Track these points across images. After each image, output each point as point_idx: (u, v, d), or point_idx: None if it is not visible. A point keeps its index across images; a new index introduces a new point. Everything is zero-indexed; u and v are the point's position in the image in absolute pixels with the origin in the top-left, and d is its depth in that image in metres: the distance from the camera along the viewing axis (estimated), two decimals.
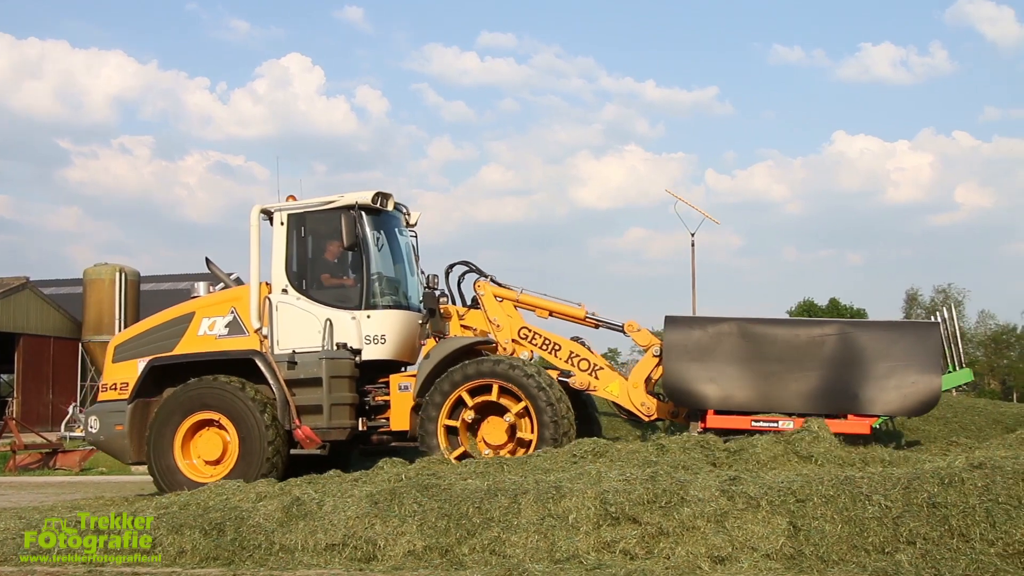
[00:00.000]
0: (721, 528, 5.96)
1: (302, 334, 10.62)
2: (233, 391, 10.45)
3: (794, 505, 6.03)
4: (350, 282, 10.97)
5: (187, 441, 10.63)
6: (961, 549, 5.62)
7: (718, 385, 9.67)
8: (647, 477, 6.46)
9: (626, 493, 6.23)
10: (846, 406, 9.44)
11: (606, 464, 7.28)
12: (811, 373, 9.54)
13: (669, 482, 6.32)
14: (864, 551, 5.77)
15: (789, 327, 10.02)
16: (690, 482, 6.31)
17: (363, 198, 10.76)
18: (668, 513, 6.07)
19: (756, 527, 5.95)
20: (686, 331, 9.94)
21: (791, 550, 5.83)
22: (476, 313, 11.13)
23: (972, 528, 5.68)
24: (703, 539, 5.92)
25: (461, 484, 6.91)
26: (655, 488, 6.24)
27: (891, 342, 9.58)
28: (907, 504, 5.90)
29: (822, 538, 5.84)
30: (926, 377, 9.33)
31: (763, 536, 5.90)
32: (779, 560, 5.78)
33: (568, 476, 6.78)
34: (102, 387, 11.68)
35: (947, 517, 5.76)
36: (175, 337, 11.10)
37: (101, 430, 11.17)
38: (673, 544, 5.93)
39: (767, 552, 5.82)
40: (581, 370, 10.55)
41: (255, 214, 10.99)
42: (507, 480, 6.86)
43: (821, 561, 5.75)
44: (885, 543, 5.77)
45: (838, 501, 6.00)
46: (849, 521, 5.90)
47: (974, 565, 5.50)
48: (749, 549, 5.85)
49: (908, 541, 5.74)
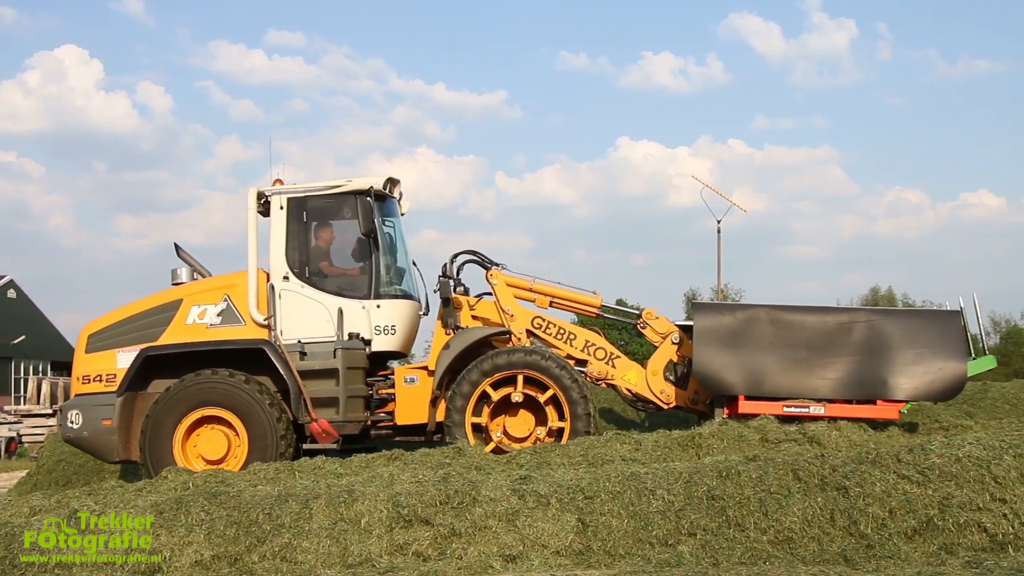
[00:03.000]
0: (512, 527, 6.01)
1: (308, 323, 10.09)
2: (240, 385, 9.81)
3: (583, 502, 6.15)
4: (358, 270, 10.48)
5: (186, 439, 9.92)
6: (737, 538, 5.89)
7: (748, 371, 9.61)
8: (439, 479, 6.46)
9: (418, 495, 6.20)
10: (875, 392, 9.55)
11: (399, 467, 7.24)
12: (840, 360, 9.59)
13: (461, 483, 6.33)
14: (649, 544, 5.94)
15: (818, 314, 9.93)
16: (482, 482, 6.34)
17: (376, 183, 10.34)
18: (460, 514, 6.07)
19: (546, 525, 6.03)
20: (716, 317, 9.89)
21: (580, 546, 5.95)
22: (487, 303, 10.70)
23: (747, 518, 5.96)
24: (495, 538, 5.95)
25: (251, 491, 6.71)
26: (447, 489, 6.24)
27: (917, 329, 9.76)
28: (688, 497, 6.13)
29: (609, 533, 5.98)
30: (952, 363, 9.52)
31: (553, 533, 5.99)
32: (568, 556, 5.89)
33: (360, 480, 6.70)
34: (78, 379, 10.56)
35: (724, 508, 6.02)
36: (160, 326, 10.29)
37: (84, 425, 10.18)
38: (465, 544, 5.94)
39: (557, 549, 5.92)
40: (598, 359, 10.34)
41: (252, 197, 10.37)
42: (298, 485, 6.72)
43: (608, 555, 5.89)
44: (668, 535, 5.96)
45: (624, 497, 6.16)
46: (635, 515, 6.07)
47: (748, 553, 5.78)
48: (539, 546, 5.92)
49: (689, 532, 5.96)
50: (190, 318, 10.26)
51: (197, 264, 11.22)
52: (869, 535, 5.81)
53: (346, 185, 10.32)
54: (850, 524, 5.88)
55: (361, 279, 10.36)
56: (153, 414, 9.93)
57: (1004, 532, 5.71)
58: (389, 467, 7.16)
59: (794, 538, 5.86)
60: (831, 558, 5.68)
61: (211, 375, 9.89)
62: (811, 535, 5.87)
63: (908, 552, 5.69)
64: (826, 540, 5.83)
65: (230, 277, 10.57)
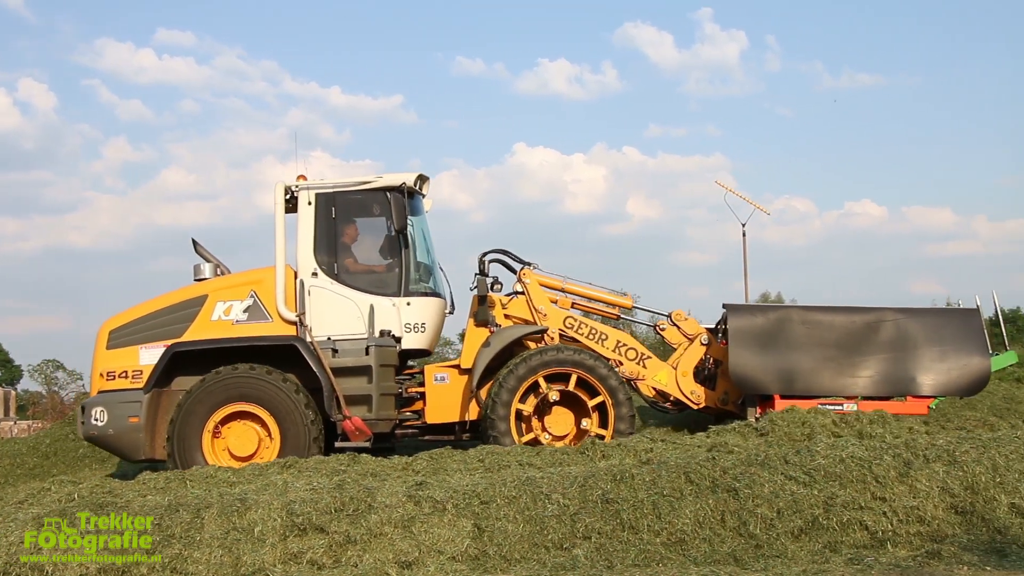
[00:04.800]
0: (408, 533, 5.98)
1: (338, 320, 9.96)
2: (276, 382, 9.62)
3: (478, 507, 6.16)
4: (388, 267, 10.37)
5: (215, 433, 9.70)
6: (631, 541, 5.98)
7: (783, 371, 9.80)
8: (334, 486, 6.39)
9: (313, 503, 6.12)
10: (904, 388, 9.83)
11: (293, 475, 7.14)
12: (870, 358, 9.87)
13: (356, 490, 6.28)
14: (544, 548, 5.98)
15: (846, 314, 10.20)
16: (377, 489, 6.30)
17: (409, 179, 10.29)
18: (355, 521, 6.01)
19: (442, 530, 6.02)
20: (749, 318, 10.05)
21: (476, 551, 5.95)
22: (519, 302, 10.68)
23: (640, 520, 6.06)
24: (390, 545, 5.91)
25: (140, 501, 6.53)
26: (342, 496, 6.17)
27: (939, 327, 10.08)
28: (583, 501, 6.20)
29: (505, 538, 6.00)
30: (976, 359, 9.86)
31: (449, 539, 5.97)
32: (464, 562, 5.88)
33: (254, 488, 6.59)
34: (101, 375, 10.16)
35: (619, 511, 6.10)
36: (185, 322, 10.04)
37: (110, 423, 9.81)
38: (361, 552, 5.88)
39: (453, 555, 5.90)
40: (629, 359, 10.39)
41: (280, 191, 10.18)
42: (189, 494, 6.55)
43: (504, 560, 5.90)
44: (563, 539, 6.01)
45: (520, 501, 6.19)
46: (530, 520, 6.10)
47: (642, 555, 5.87)
48: (435, 552, 5.91)
49: (584, 536, 6.02)
50: (215, 314, 10.09)
51: (215, 259, 11.00)
52: (758, 535, 5.96)
53: (377, 181, 10.29)
54: (740, 525, 6.03)
55: (391, 276, 10.32)
56: (185, 404, 9.72)
57: (884, 529, 5.94)
58: (283, 475, 7.06)
59: (686, 539, 5.97)
60: (722, 558, 5.81)
61: (248, 369, 9.74)
62: (703, 536, 5.99)
63: (795, 551, 5.86)
64: (717, 541, 5.97)
65: (256, 273, 10.43)
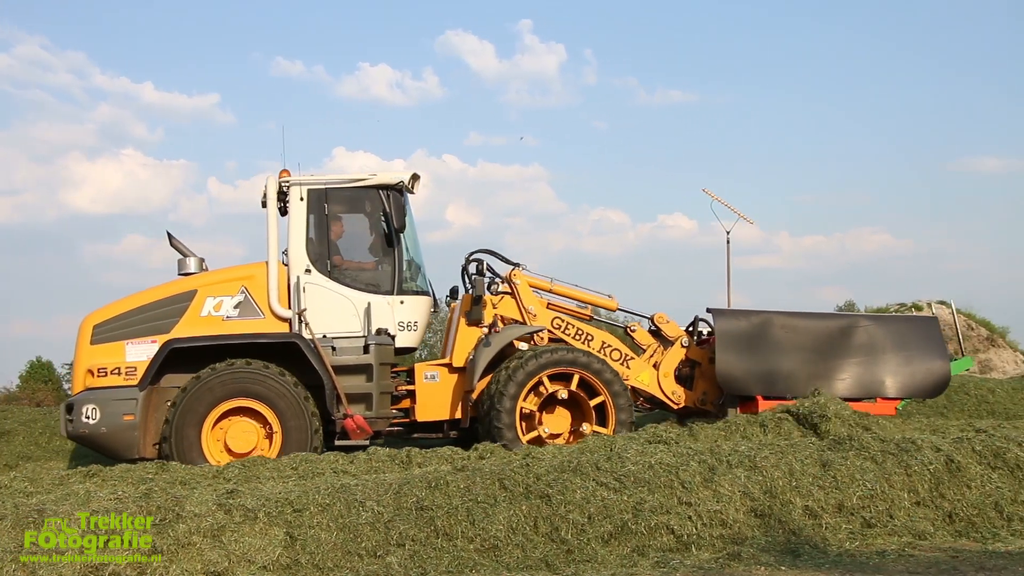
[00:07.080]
0: (218, 543, 5.84)
1: (333, 318, 9.93)
2: (278, 378, 9.50)
3: (291, 515, 6.08)
4: (381, 265, 10.34)
5: (212, 429, 9.51)
6: (445, 547, 6.02)
7: (765, 373, 10.23)
8: (141, 495, 6.19)
9: (116, 513, 5.92)
10: (874, 391, 10.33)
11: (97, 483, 6.88)
12: (843, 361, 10.38)
13: (164, 498, 6.10)
14: (358, 556, 5.95)
15: (820, 319, 10.75)
16: (186, 497, 6.14)
17: (404, 177, 10.31)
18: (162, 531, 5.83)
19: (253, 539, 5.91)
20: (734, 321, 10.42)
21: (288, 560, 5.87)
22: (508, 302, 10.72)
23: (455, 527, 6.11)
24: (199, 555, 5.75)
25: None
26: (149, 506, 5.99)
27: (904, 333, 10.63)
28: (398, 508, 6.21)
29: (318, 546, 5.94)
30: (937, 363, 10.45)
31: (260, 548, 5.87)
32: (276, 571, 5.79)
33: (53, 498, 6.30)
34: (89, 372, 9.58)
35: (433, 518, 6.13)
36: (173, 317, 9.82)
37: (103, 421, 9.40)
38: (167, 562, 5.69)
39: (264, 564, 5.80)
40: (613, 360, 10.53)
41: (272, 186, 9.94)
42: None
43: (317, 569, 5.84)
44: (377, 547, 6.00)
45: (334, 509, 6.15)
46: (344, 528, 6.06)
47: (456, 562, 5.92)
48: (246, 562, 5.79)
49: (398, 543, 6.02)
50: (205, 309, 9.91)
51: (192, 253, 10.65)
52: (569, 540, 6.10)
53: (372, 179, 10.28)
54: (552, 530, 6.15)
55: (384, 274, 10.33)
56: (183, 401, 9.49)
57: (689, 533, 6.17)
58: (85, 484, 6.79)
59: (499, 546, 6.05)
60: (534, 564, 5.91)
61: (246, 365, 9.58)
62: (515, 542, 6.08)
63: (604, 555, 6.02)
64: (529, 547, 6.07)
65: (247, 268, 10.27)
